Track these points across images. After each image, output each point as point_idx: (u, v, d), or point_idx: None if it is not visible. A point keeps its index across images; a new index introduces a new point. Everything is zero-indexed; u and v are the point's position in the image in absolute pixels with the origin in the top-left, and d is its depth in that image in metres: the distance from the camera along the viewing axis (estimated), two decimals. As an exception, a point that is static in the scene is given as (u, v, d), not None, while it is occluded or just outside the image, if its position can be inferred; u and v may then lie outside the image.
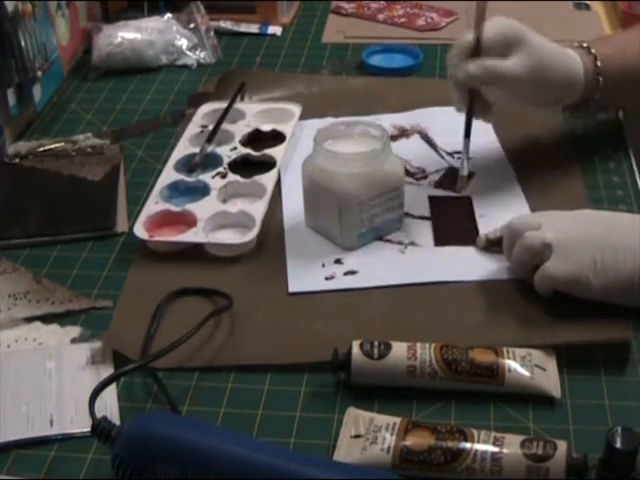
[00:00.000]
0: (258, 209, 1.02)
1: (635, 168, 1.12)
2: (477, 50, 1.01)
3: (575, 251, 0.87)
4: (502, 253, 0.95)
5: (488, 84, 1.02)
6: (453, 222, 1.03)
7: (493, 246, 0.97)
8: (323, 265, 0.97)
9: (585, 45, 1.08)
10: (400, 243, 1.00)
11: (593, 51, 1.07)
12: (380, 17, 1.52)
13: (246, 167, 1.10)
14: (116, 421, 0.78)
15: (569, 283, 0.87)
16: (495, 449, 0.73)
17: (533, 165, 1.11)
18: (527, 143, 1.16)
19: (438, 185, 1.08)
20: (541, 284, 0.89)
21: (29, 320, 0.92)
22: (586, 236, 0.88)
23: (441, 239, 1.01)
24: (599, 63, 1.06)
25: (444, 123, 1.16)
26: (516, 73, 1.00)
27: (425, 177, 1.10)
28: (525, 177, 1.09)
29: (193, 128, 1.18)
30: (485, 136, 1.15)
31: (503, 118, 1.14)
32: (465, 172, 1.07)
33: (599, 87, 1.07)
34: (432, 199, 1.07)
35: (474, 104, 1.04)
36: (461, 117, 1.08)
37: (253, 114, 1.19)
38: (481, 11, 1.00)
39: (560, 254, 0.87)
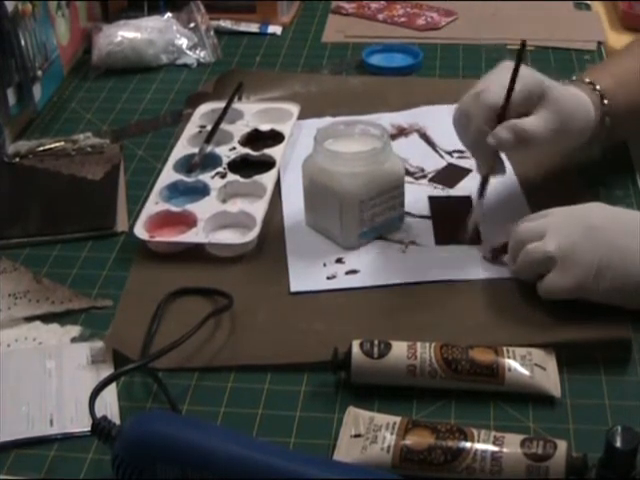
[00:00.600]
0: (258, 209, 1.02)
1: (635, 167, 1.12)
2: (505, 113, 0.95)
3: (580, 258, 0.86)
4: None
5: (517, 150, 0.97)
6: (454, 222, 1.03)
7: (500, 254, 0.95)
8: (324, 264, 0.97)
9: (588, 81, 1.03)
10: (401, 242, 1.00)
11: (598, 88, 1.03)
12: (380, 17, 1.52)
13: (245, 167, 1.10)
14: (116, 421, 0.78)
15: (573, 292, 0.87)
16: (495, 448, 0.73)
17: (532, 164, 1.11)
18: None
19: (433, 180, 1.08)
20: (545, 295, 0.89)
21: (29, 319, 0.92)
22: (591, 239, 0.87)
23: (442, 239, 1.01)
24: (606, 101, 1.02)
25: (443, 122, 1.15)
26: (544, 136, 0.95)
27: (424, 176, 1.10)
28: (524, 176, 1.09)
29: (192, 128, 1.17)
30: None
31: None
32: (477, 220, 1.00)
33: (605, 126, 1.03)
34: (432, 199, 1.07)
35: (495, 166, 0.99)
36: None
37: (251, 114, 1.19)
38: (515, 74, 0.94)
39: (563, 266, 0.87)
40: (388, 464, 0.74)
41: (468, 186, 1.07)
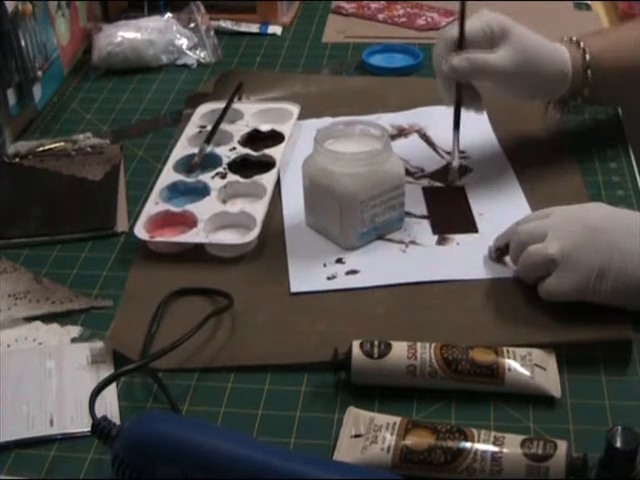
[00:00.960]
0: (258, 209, 1.02)
1: (635, 167, 1.12)
2: (461, 44, 1.01)
3: (581, 261, 0.86)
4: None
5: (473, 78, 1.02)
6: (449, 212, 1.04)
7: (504, 254, 0.95)
8: (324, 265, 0.97)
9: (575, 39, 1.07)
10: (401, 242, 1.00)
11: (582, 45, 1.06)
12: (380, 17, 1.52)
13: (245, 167, 1.10)
14: (116, 421, 0.78)
15: (574, 295, 0.87)
16: (495, 449, 0.73)
17: (532, 163, 1.11)
18: (526, 141, 1.16)
19: (432, 176, 1.09)
20: (546, 297, 0.89)
21: (29, 320, 0.92)
22: (592, 241, 0.86)
23: (439, 229, 1.01)
24: (588, 57, 1.06)
25: (443, 122, 1.16)
26: (502, 66, 1.01)
27: (424, 176, 1.10)
28: (524, 175, 1.09)
29: (192, 128, 1.17)
30: (483, 134, 1.16)
31: (501, 116, 1.15)
32: (456, 164, 1.07)
33: (588, 81, 1.07)
34: (426, 190, 1.07)
35: (461, 96, 1.05)
36: (462, 117, 1.08)
37: (251, 114, 1.19)
38: (463, 4, 1.01)
39: (564, 268, 0.87)
40: (388, 464, 0.74)
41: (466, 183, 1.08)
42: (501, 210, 1.03)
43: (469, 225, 1.02)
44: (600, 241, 0.86)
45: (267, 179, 1.07)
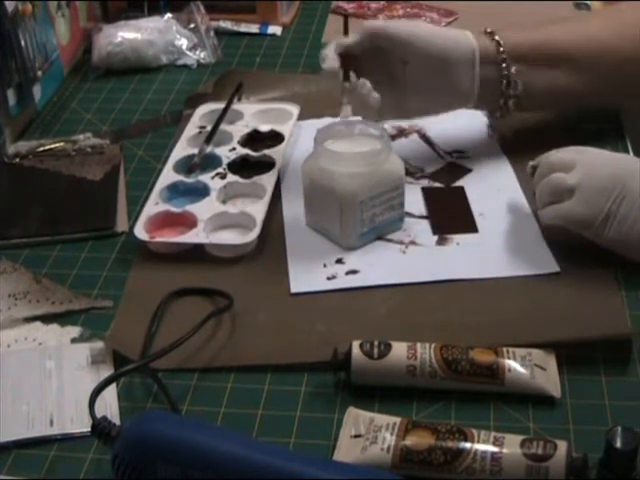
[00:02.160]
0: (258, 209, 1.02)
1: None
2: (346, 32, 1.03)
3: (595, 200, 0.90)
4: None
5: (363, 42, 1.01)
6: (448, 212, 1.04)
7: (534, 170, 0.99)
8: (324, 265, 0.97)
9: (489, 30, 1.04)
10: (401, 242, 1.00)
11: (496, 37, 1.03)
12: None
13: (245, 168, 1.10)
14: (116, 421, 0.78)
15: (580, 225, 0.92)
16: (495, 449, 0.73)
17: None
18: (525, 140, 1.16)
19: (432, 178, 1.10)
20: (551, 219, 0.94)
21: (29, 320, 0.92)
22: (612, 188, 0.90)
23: (438, 229, 1.01)
24: (502, 49, 1.03)
25: (443, 122, 1.16)
26: (392, 28, 1.00)
27: (424, 176, 1.10)
28: (524, 175, 1.09)
29: (191, 129, 1.17)
30: (482, 134, 1.15)
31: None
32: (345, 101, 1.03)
33: (502, 73, 1.03)
34: (426, 190, 1.07)
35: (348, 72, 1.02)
36: (460, 115, 1.08)
37: (251, 114, 1.19)
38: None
39: (579, 199, 0.91)
40: (388, 464, 0.74)
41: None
42: (501, 210, 1.03)
43: (469, 225, 1.02)
44: (618, 190, 0.90)
45: (267, 179, 1.07)
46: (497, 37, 1.04)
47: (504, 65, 1.04)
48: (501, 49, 1.03)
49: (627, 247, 0.91)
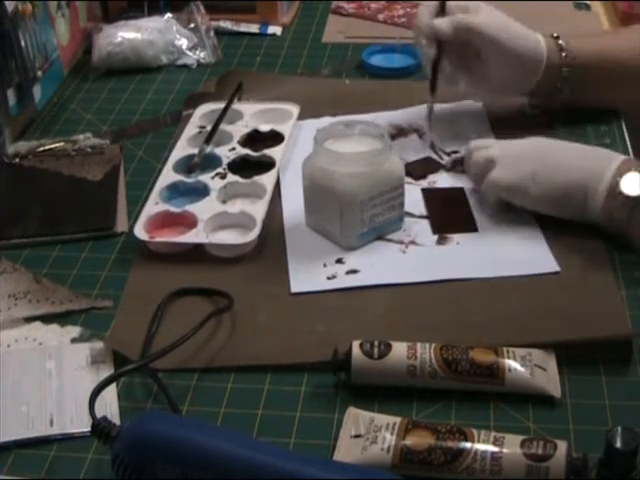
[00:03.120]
0: (258, 209, 1.02)
1: (631, 152, 1.13)
2: (443, 10, 1.10)
3: (516, 164, 0.99)
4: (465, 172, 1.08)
5: (457, 36, 1.08)
6: (448, 211, 1.04)
7: (457, 165, 1.09)
8: (324, 265, 0.97)
9: (555, 35, 1.13)
10: (401, 242, 1.00)
11: (561, 42, 1.12)
12: (380, 17, 1.52)
13: (245, 167, 1.10)
14: (116, 421, 0.78)
15: (509, 189, 0.99)
16: (495, 449, 0.73)
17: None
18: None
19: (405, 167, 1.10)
20: (487, 191, 1.01)
21: (29, 320, 0.92)
22: (527, 153, 1.00)
23: (438, 228, 1.01)
24: (564, 54, 1.11)
25: (442, 122, 1.16)
26: (485, 26, 1.07)
27: (424, 177, 1.10)
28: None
29: (191, 129, 1.17)
30: (482, 135, 1.15)
31: (500, 117, 1.17)
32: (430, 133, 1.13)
33: (561, 75, 1.12)
34: (425, 190, 1.07)
35: (441, 57, 1.10)
36: (460, 116, 1.08)
37: (251, 114, 1.19)
38: None
39: (502, 165, 0.99)
40: (388, 464, 0.74)
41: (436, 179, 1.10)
42: (501, 208, 1.03)
43: (469, 224, 1.02)
44: (534, 153, 0.99)
45: (267, 179, 1.07)
46: (561, 42, 1.12)
47: (564, 69, 1.12)
48: (563, 54, 1.12)
49: (550, 206, 0.98)
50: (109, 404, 0.82)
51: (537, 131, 1.06)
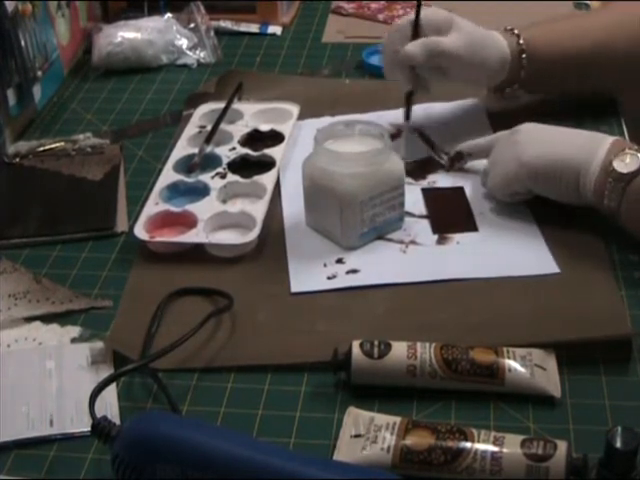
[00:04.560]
0: (258, 209, 1.02)
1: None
2: (416, 33, 1.09)
3: (501, 159, 1.02)
4: (463, 169, 1.09)
5: (428, 61, 1.08)
6: (448, 211, 1.04)
7: (456, 162, 1.09)
8: (325, 265, 0.97)
9: (509, 27, 1.15)
10: (401, 242, 1.00)
11: (516, 32, 1.14)
12: (380, 17, 1.52)
13: (245, 167, 1.10)
14: (116, 421, 0.78)
15: (502, 187, 1.02)
16: (495, 449, 0.73)
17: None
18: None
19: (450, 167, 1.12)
20: (489, 192, 1.05)
21: (29, 320, 0.92)
22: (510, 140, 1.01)
23: (438, 228, 1.01)
24: (522, 41, 1.13)
25: (442, 121, 1.16)
26: (454, 48, 1.08)
27: (424, 177, 1.10)
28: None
29: (191, 129, 1.17)
30: (481, 134, 1.15)
31: (500, 117, 1.17)
32: (407, 158, 1.10)
33: (523, 64, 1.13)
34: (426, 190, 1.07)
35: (416, 84, 1.11)
36: (460, 115, 1.08)
37: (251, 114, 1.19)
38: (419, 2, 1.10)
39: (492, 170, 1.03)
40: (388, 464, 0.74)
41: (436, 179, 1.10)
42: (501, 208, 1.03)
43: (469, 224, 1.02)
44: (515, 138, 1.00)
45: (267, 179, 1.07)
46: (516, 31, 1.14)
47: (523, 56, 1.13)
48: (521, 41, 1.13)
49: (544, 186, 0.99)
50: (109, 404, 0.82)
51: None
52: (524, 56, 1.13)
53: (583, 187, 0.96)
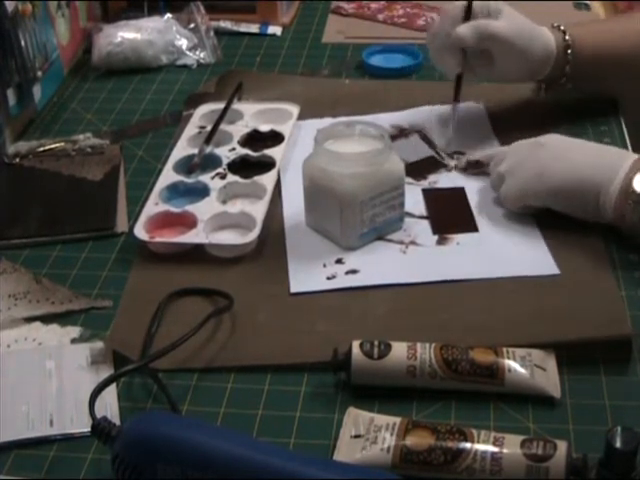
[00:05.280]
0: (258, 210, 1.02)
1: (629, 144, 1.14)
2: (468, 16, 1.10)
3: (520, 172, 1.01)
4: (479, 174, 1.09)
5: (479, 44, 1.10)
6: (448, 211, 1.04)
7: (470, 167, 1.09)
8: (324, 265, 0.97)
9: (556, 24, 1.16)
10: (401, 243, 1.00)
11: (563, 28, 1.15)
12: (380, 17, 1.52)
13: (245, 168, 1.10)
14: (116, 421, 0.78)
15: (517, 199, 1.01)
16: (495, 449, 0.73)
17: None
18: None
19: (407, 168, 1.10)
20: (502, 202, 1.03)
21: (29, 320, 0.92)
22: (530, 155, 1.01)
23: (438, 229, 1.01)
24: (568, 37, 1.14)
25: (442, 121, 1.16)
26: (505, 32, 1.09)
27: (425, 177, 1.10)
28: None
29: (191, 129, 1.17)
30: (482, 135, 1.16)
31: (501, 117, 1.18)
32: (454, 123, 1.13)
33: (568, 60, 1.14)
34: (426, 191, 1.07)
35: (465, 66, 1.12)
36: (461, 116, 1.08)
37: (251, 114, 1.19)
38: None
39: (509, 180, 1.02)
40: (388, 464, 0.74)
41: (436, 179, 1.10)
42: (501, 209, 1.03)
43: (469, 225, 1.02)
44: (542, 151, 1.00)
45: (267, 179, 1.07)
46: (562, 28, 1.16)
47: (569, 52, 1.14)
48: (567, 37, 1.14)
49: (563, 204, 0.99)
50: (109, 404, 0.82)
51: (538, 131, 1.05)
52: (569, 52, 1.14)
53: (603, 206, 0.96)
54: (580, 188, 0.96)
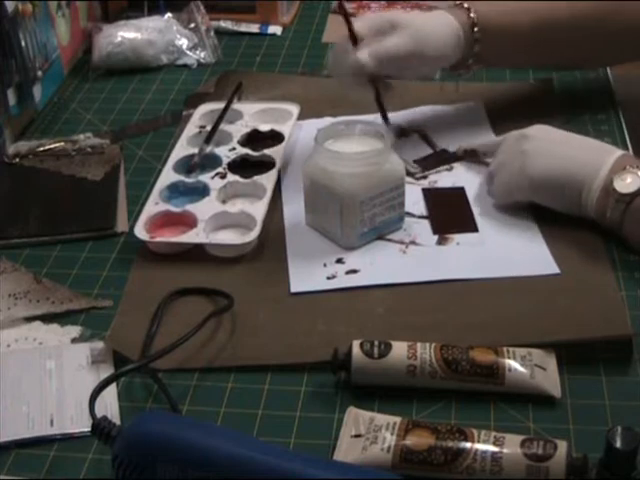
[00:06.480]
0: (258, 209, 1.02)
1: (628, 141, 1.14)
2: (354, 42, 1.07)
3: (505, 167, 1.01)
4: (477, 162, 1.09)
5: (380, 68, 1.06)
6: (449, 211, 1.04)
7: (468, 156, 1.10)
8: (325, 265, 0.97)
9: (458, 2, 1.13)
10: (401, 242, 1.00)
11: (466, 5, 1.12)
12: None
13: (245, 167, 1.10)
14: (116, 421, 0.78)
15: (505, 195, 1.02)
16: (495, 449, 0.73)
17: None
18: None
19: (416, 161, 1.12)
20: (494, 199, 1.04)
21: (29, 320, 0.92)
22: (512, 150, 1.01)
23: (439, 229, 1.01)
24: (472, 14, 1.10)
25: (443, 122, 1.16)
26: (401, 45, 1.06)
27: (425, 177, 1.10)
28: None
29: (191, 129, 1.17)
30: (482, 134, 1.16)
31: (500, 116, 1.17)
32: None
33: (476, 38, 1.11)
34: (426, 190, 1.07)
35: (379, 89, 1.10)
36: (460, 115, 1.08)
37: (251, 114, 1.19)
38: (342, 3, 1.11)
39: (497, 178, 1.03)
40: (388, 464, 0.74)
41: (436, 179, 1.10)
42: (501, 209, 1.03)
43: (469, 225, 1.02)
44: (523, 146, 0.99)
45: (267, 179, 1.07)
46: (466, 5, 1.12)
47: (475, 29, 1.11)
48: (472, 14, 1.11)
49: (546, 197, 0.99)
50: (109, 404, 0.82)
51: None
52: (476, 29, 1.11)
53: (585, 203, 0.96)
54: (563, 185, 0.97)
